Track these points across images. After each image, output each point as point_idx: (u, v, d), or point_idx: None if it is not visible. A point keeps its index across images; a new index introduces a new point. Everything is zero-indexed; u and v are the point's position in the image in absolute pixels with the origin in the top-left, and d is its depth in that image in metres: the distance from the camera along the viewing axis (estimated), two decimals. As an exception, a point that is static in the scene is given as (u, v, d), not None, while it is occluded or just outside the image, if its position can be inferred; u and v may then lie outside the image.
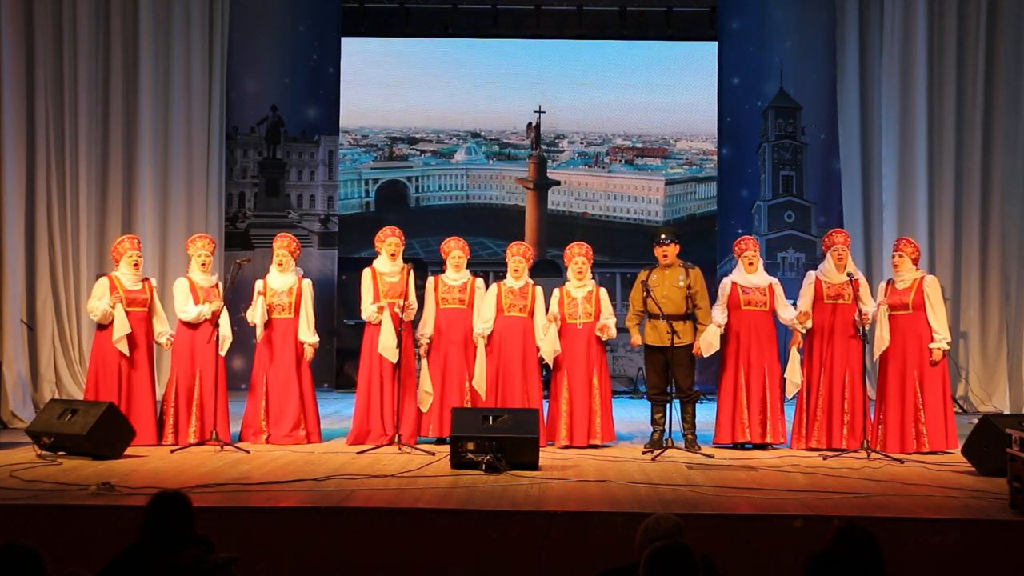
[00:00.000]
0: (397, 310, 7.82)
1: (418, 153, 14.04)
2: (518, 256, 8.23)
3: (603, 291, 8.21)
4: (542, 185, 13.87)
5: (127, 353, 7.79)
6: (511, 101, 13.85)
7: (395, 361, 7.81)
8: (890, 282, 8.01)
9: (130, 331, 7.77)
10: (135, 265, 7.95)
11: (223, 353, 7.87)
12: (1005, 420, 6.85)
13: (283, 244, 8.23)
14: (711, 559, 3.76)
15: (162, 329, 8.04)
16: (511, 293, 8.13)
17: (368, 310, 8.04)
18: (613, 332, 8.10)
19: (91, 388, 7.85)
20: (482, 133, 14.03)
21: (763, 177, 13.18)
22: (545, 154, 13.93)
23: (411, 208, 13.94)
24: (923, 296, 7.82)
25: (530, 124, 13.85)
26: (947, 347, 7.84)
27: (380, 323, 7.91)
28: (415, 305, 8.08)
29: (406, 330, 7.84)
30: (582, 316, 8.04)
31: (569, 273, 8.23)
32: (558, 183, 13.90)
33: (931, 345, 7.78)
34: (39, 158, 10.06)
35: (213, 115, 12.17)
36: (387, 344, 7.84)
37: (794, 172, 13.14)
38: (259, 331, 8.11)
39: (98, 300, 7.84)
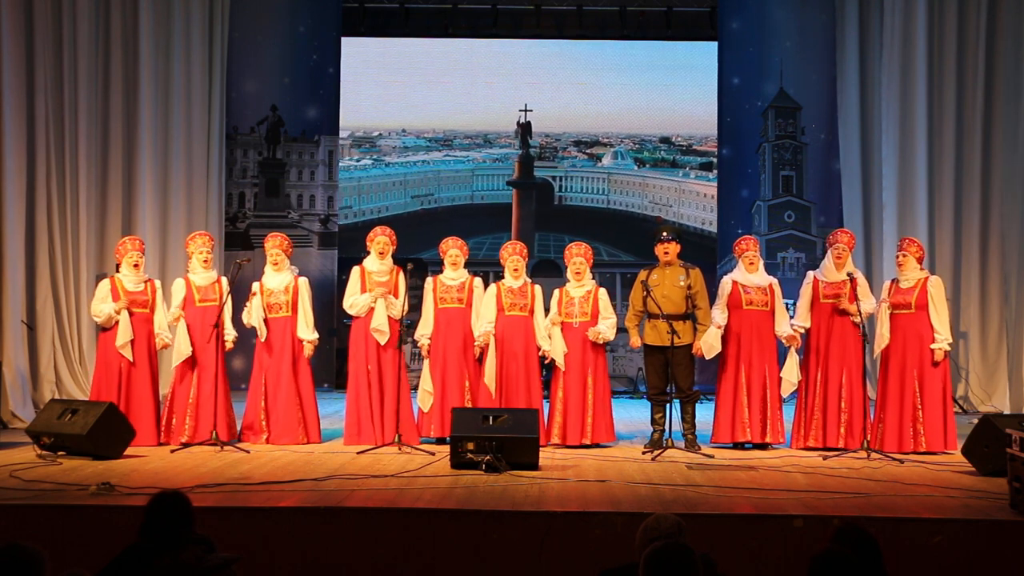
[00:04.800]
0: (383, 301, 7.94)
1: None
2: (516, 256, 8.23)
3: (603, 291, 8.20)
4: (524, 184, 13.85)
5: (131, 358, 7.80)
6: (510, 101, 13.84)
7: (384, 343, 7.91)
8: (894, 281, 8.01)
9: (133, 337, 7.78)
10: (135, 266, 7.96)
11: (227, 339, 7.89)
12: (1005, 420, 6.85)
13: (275, 243, 8.24)
14: (711, 559, 3.76)
15: (160, 331, 8.04)
16: (511, 293, 8.13)
17: (360, 299, 8.04)
18: (609, 335, 8.08)
19: (95, 389, 7.88)
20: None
21: (763, 177, 13.17)
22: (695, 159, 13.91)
23: (554, 206, 13.97)
24: (927, 296, 7.81)
25: (519, 123, 13.85)
26: (948, 348, 7.83)
27: (372, 310, 7.98)
28: (400, 305, 8.02)
29: (392, 330, 7.87)
30: (578, 316, 8.05)
31: (568, 273, 8.23)
32: (540, 183, 13.86)
33: (932, 346, 7.77)
34: (39, 158, 10.06)
35: (213, 115, 12.17)
36: (378, 324, 7.89)
37: (794, 172, 13.14)
38: (260, 332, 8.12)
39: (101, 303, 7.85)
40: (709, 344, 7.90)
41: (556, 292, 8.21)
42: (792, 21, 13.06)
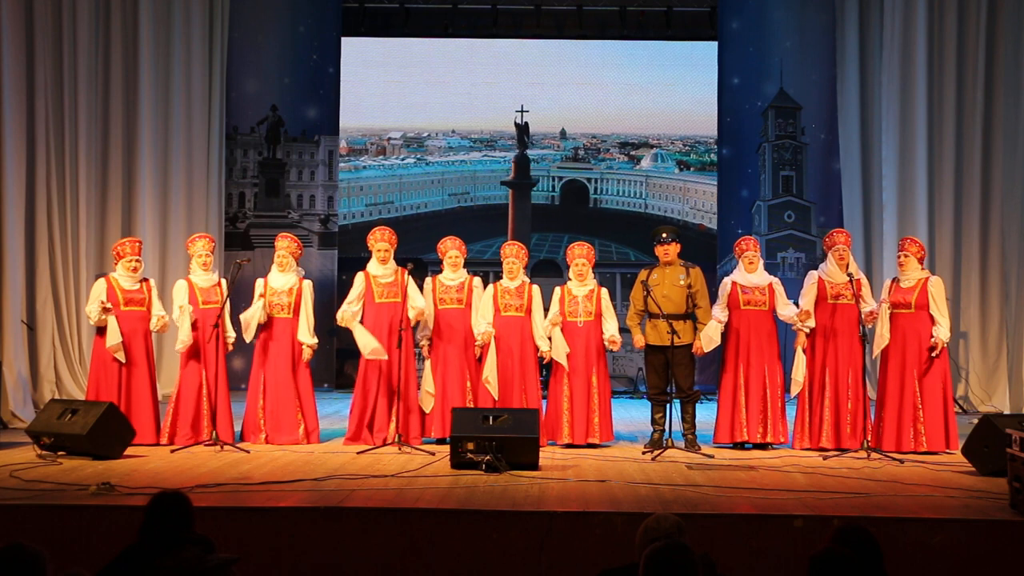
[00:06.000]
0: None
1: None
2: (511, 257, 8.24)
3: (604, 291, 8.21)
4: (519, 185, 13.82)
5: (123, 360, 7.77)
6: (510, 101, 13.83)
7: (386, 358, 7.89)
8: (895, 280, 8.02)
9: (121, 339, 7.73)
10: (133, 270, 7.94)
11: (227, 340, 7.87)
12: (1005, 420, 6.85)
13: (285, 244, 8.24)
14: (711, 559, 3.76)
15: (154, 317, 7.97)
16: (507, 293, 8.13)
17: (341, 314, 8.05)
18: (619, 338, 8.11)
19: (92, 389, 7.86)
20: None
21: (763, 177, 13.17)
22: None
23: (589, 209, 13.89)
24: (927, 296, 7.81)
25: (516, 124, 13.84)
26: (947, 337, 7.79)
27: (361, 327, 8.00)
28: (420, 305, 8.02)
29: (405, 330, 7.84)
30: (583, 315, 8.05)
31: (571, 273, 8.24)
32: (536, 183, 13.85)
33: (933, 329, 7.74)
34: (39, 158, 10.06)
35: (213, 115, 12.18)
36: (366, 344, 7.89)
37: (794, 172, 13.14)
38: (250, 332, 8.08)
39: (93, 303, 7.84)
40: (708, 336, 7.90)
41: (557, 290, 8.20)
42: (792, 21, 13.07)
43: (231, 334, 8.11)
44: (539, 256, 13.27)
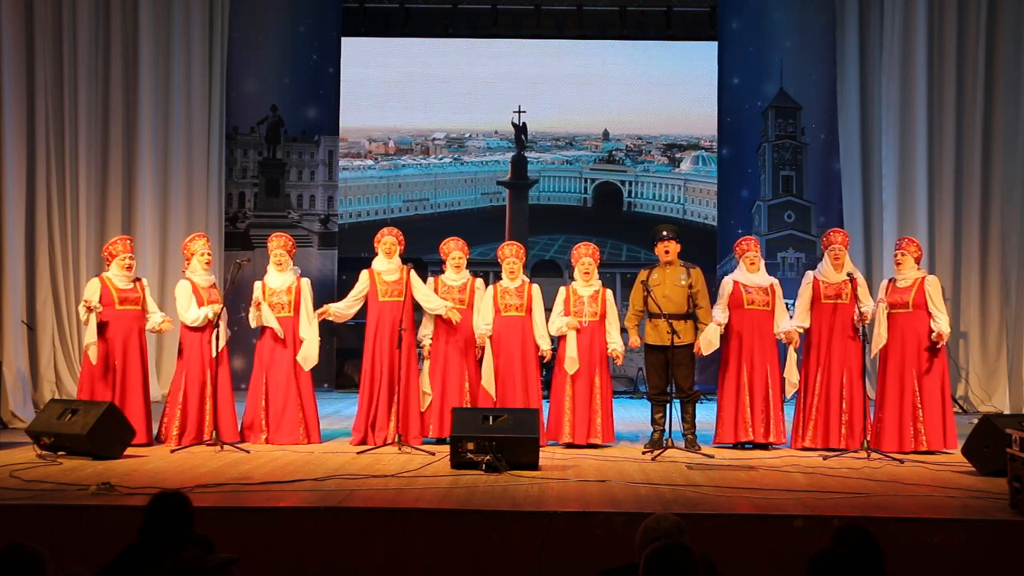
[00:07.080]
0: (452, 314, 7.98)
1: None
2: (511, 257, 8.24)
3: (609, 292, 8.21)
4: (515, 185, 13.82)
5: (93, 360, 7.67)
6: (510, 101, 13.83)
7: (308, 369, 8.06)
8: (891, 280, 8.02)
9: (96, 340, 7.66)
10: (127, 268, 7.92)
11: (219, 348, 7.83)
12: (1005, 420, 6.85)
13: (279, 244, 8.23)
14: (711, 559, 3.76)
15: (155, 316, 7.97)
16: (507, 293, 8.13)
17: (335, 311, 8.13)
18: (622, 349, 8.12)
19: (85, 387, 7.79)
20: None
21: (763, 177, 13.18)
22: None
23: (622, 211, 13.78)
24: (924, 295, 7.81)
25: (514, 124, 13.84)
26: (948, 329, 7.79)
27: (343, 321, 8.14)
28: (436, 303, 8.07)
29: (406, 330, 7.84)
30: (587, 315, 8.05)
31: (576, 273, 8.23)
32: (536, 181, 13.84)
33: (932, 324, 7.73)
34: (39, 158, 10.06)
35: (213, 115, 12.18)
36: (307, 353, 8.04)
37: (794, 172, 13.15)
38: (277, 329, 8.07)
39: (82, 304, 7.83)
40: (708, 340, 7.90)
41: (562, 291, 8.20)
42: (792, 21, 13.08)
43: (226, 332, 8.09)
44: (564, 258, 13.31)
